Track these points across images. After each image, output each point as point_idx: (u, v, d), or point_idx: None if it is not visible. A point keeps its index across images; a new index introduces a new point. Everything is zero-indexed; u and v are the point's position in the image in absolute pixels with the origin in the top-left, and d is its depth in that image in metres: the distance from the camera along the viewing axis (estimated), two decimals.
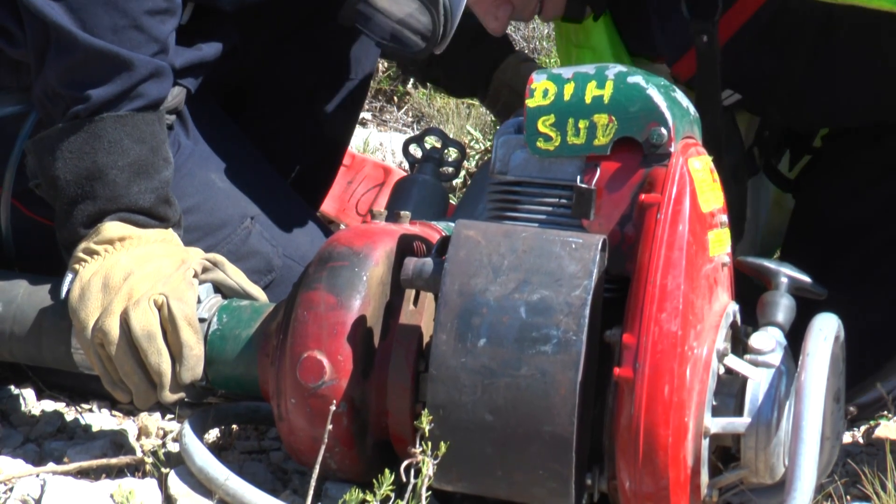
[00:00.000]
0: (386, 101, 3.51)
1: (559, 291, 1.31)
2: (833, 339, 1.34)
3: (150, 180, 1.56)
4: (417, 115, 3.41)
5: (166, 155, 1.59)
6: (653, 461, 1.28)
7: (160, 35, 1.57)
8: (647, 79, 1.39)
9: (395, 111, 3.47)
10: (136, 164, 1.55)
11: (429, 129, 2.07)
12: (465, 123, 3.13)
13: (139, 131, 1.56)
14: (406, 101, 3.49)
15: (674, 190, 1.34)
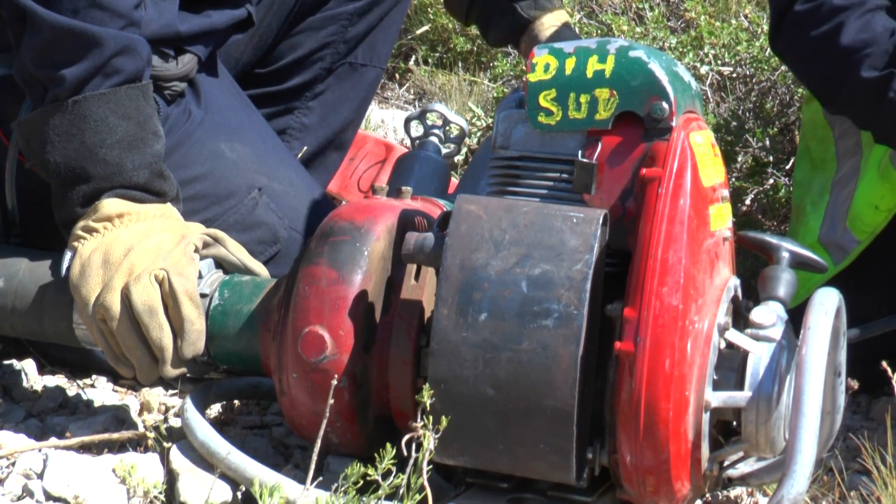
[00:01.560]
0: (387, 79, 3.50)
1: (560, 266, 1.31)
2: (834, 313, 1.34)
3: (141, 155, 1.56)
4: (419, 91, 3.40)
5: (155, 129, 1.59)
6: (653, 435, 1.29)
7: (123, 9, 1.56)
8: (649, 53, 1.39)
9: (396, 88, 3.46)
10: (124, 141, 1.55)
11: (430, 105, 2.07)
12: (468, 100, 3.12)
13: (123, 107, 1.55)
14: (408, 78, 3.48)
15: (675, 164, 1.34)
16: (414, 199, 1.60)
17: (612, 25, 2.80)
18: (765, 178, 2.45)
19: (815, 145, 2.07)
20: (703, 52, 2.64)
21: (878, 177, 1.87)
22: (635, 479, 1.31)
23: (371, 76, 2.15)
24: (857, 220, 1.91)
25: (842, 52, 1.74)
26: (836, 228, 1.95)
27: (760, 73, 2.57)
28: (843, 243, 1.93)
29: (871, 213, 1.88)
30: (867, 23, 1.73)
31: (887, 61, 1.69)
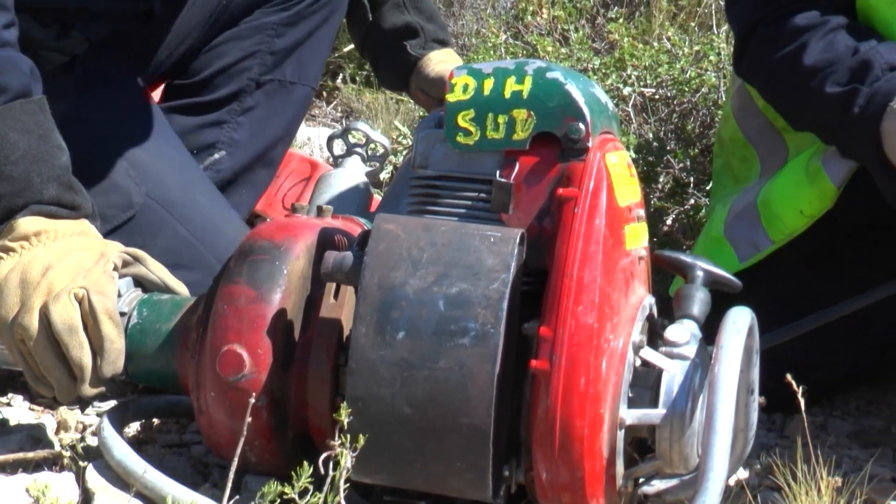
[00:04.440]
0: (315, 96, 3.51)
1: (477, 284, 1.32)
2: (746, 331, 1.36)
3: (48, 168, 1.54)
4: (346, 110, 3.41)
5: (58, 142, 1.57)
6: (569, 452, 1.30)
7: None
8: (566, 74, 1.40)
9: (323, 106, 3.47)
10: (28, 155, 1.53)
11: (353, 124, 2.08)
12: (394, 119, 3.13)
13: (21, 122, 1.54)
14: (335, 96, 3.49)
15: (591, 184, 1.36)
16: (335, 217, 1.60)
17: (538, 46, 2.83)
18: (685, 199, 2.48)
19: (736, 163, 2.10)
20: (626, 74, 2.67)
21: (807, 182, 1.90)
22: (551, 497, 1.33)
23: (300, 94, 2.15)
24: (776, 221, 1.93)
25: (806, 71, 1.77)
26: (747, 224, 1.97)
27: (682, 95, 2.60)
28: (755, 241, 1.96)
29: (795, 217, 1.91)
30: (830, 42, 1.76)
31: (850, 77, 1.72)
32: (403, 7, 2.23)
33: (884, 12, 1.77)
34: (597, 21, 3.18)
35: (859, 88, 1.69)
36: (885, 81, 1.67)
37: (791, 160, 1.95)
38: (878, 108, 1.65)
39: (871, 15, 1.79)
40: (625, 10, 3.18)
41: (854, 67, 1.71)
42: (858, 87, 1.69)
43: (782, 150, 2.00)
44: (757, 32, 1.85)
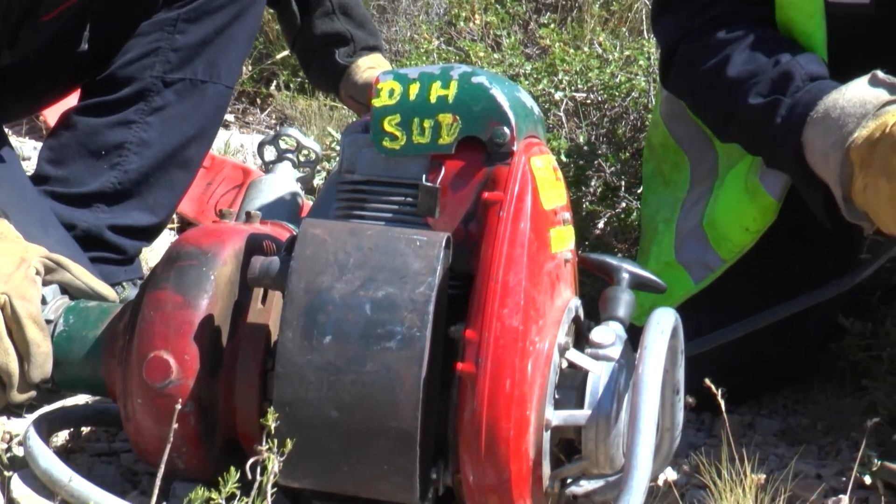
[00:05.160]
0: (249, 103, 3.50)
1: (404, 288, 1.33)
2: (670, 332, 1.38)
3: None
4: (281, 116, 3.40)
5: None
6: (495, 454, 1.31)
7: None
8: (491, 79, 1.42)
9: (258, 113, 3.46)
10: None
11: (283, 130, 2.08)
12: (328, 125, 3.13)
13: None
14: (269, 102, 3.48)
15: (515, 188, 1.37)
16: (263, 223, 1.60)
17: (470, 52, 2.84)
18: (617, 202, 2.50)
19: (668, 168, 2.12)
20: (558, 79, 2.69)
21: (748, 199, 1.92)
22: (478, 498, 1.33)
23: (214, 93, 2.13)
24: (724, 241, 1.96)
25: (730, 83, 1.79)
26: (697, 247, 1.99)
27: (612, 100, 2.62)
28: (707, 262, 1.98)
29: (741, 235, 1.94)
30: (752, 54, 1.79)
31: (772, 88, 1.74)
32: (333, 14, 2.23)
33: (803, 25, 1.80)
34: (529, 27, 3.21)
35: (781, 99, 1.71)
36: (806, 92, 1.69)
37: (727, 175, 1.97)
38: (800, 118, 1.68)
39: (791, 27, 1.81)
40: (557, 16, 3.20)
41: (776, 78, 1.73)
42: (780, 97, 1.72)
43: (712, 157, 2.02)
44: (682, 46, 1.88)
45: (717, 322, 1.78)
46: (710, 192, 2.01)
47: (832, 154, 1.61)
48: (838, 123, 1.61)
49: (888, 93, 1.61)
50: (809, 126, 1.66)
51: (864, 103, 1.60)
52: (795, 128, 1.68)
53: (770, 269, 1.93)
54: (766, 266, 1.93)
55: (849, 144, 1.59)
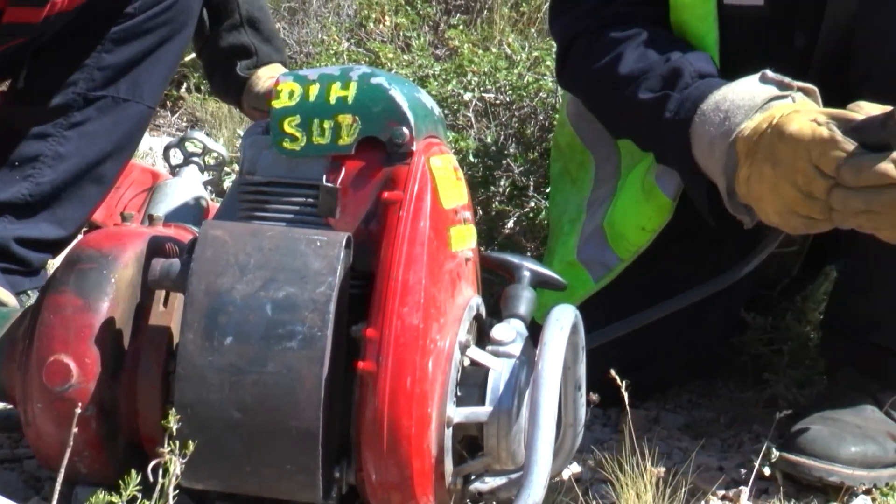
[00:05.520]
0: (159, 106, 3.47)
1: (304, 288, 1.33)
2: (570, 328, 1.40)
3: None
4: (191, 119, 3.39)
5: None
6: (397, 452, 1.32)
7: None
8: (390, 80, 1.43)
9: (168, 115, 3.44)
10: None
11: (189, 133, 2.07)
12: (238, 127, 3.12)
13: None
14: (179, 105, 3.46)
15: (415, 187, 1.38)
16: (166, 226, 1.60)
17: (380, 53, 2.85)
18: (525, 202, 2.53)
19: (574, 168, 2.14)
20: (467, 80, 2.70)
21: (644, 199, 1.95)
22: (381, 496, 1.34)
23: (135, 112, 2.13)
24: (621, 240, 1.99)
25: (622, 79, 1.81)
26: (597, 247, 2.02)
27: (520, 100, 2.65)
28: (605, 261, 2.01)
29: (637, 234, 1.96)
30: (644, 52, 1.81)
31: (662, 84, 1.77)
32: (241, 27, 2.23)
33: (696, 27, 1.83)
34: (439, 28, 3.22)
35: (670, 94, 1.74)
36: (695, 88, 1.72)
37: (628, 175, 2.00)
38: (688, 113, 1.70)
39: (685, 29, 1.84)
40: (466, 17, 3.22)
41: (666, 75, 1.76)
42: (670, 93, 1.74)
43: (615, 157, 2.05)
44: (576, 44, 1.90)
45: (618, 319, 1.80)
46: (613, 193, 2.03)
47: (718, 144, 1.64)
48: (727, 116, 1.64)
49: (777, 89, 1.64)
50: (697, 120, 1.69)
51: (753, 97, 1.64)
52: (684, 122, 1.70)
53: (667, 267, 1.96)
54: (663, 265, 1.96)
55: (735, 135, 1.62)
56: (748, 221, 1.66)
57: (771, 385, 2.01)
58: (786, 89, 1.64)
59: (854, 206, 1.50)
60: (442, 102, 2.67)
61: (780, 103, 1.62)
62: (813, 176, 1.51)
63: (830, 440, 1.74)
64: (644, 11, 1.86)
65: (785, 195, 1.55)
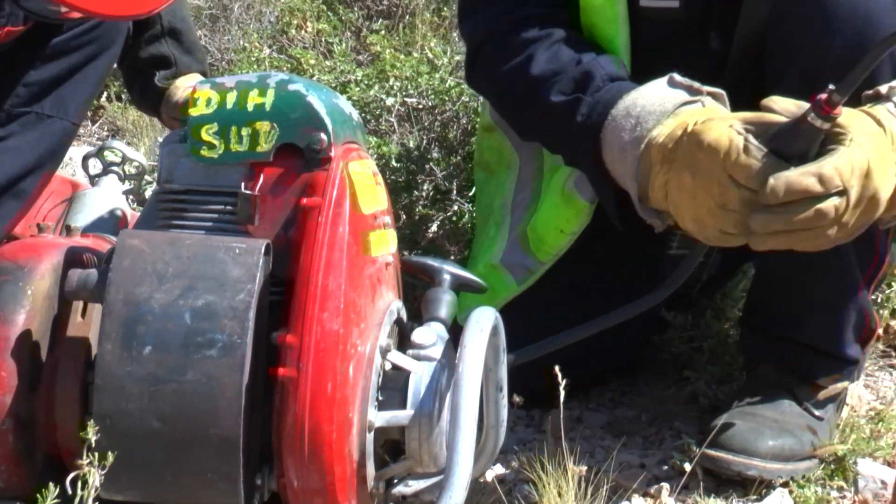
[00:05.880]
0: None
1: (224, 296, 1.33)
2: (490, 331, 1.41)
3: None
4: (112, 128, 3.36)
5: None
6: (318, 458, 1.32)
7: None
8: (308, 86, 1.43)
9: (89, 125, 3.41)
10: None
11: (108, 142, 2.06)
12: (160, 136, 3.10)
13: None
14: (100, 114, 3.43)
15: (333, 193, 1.38)
16: (84, 236, 1.59)
17: (301, 60, 2.85)
18: (449, 205, 2.54)
19: (497, 171, 2.16)
20: (389, 85, 2.71)
21: (563, 202, 1.96)
22: (303, 502, 1.34)
23: (58, 128, 2.11)
24: (541, 243, 2.00)
25: (532, 81, 1.82)
26: (519, 250, 2.04)
27: (442, 104, 2.66)
28: (526, 264, 2.02)
29: (557, 237, 1.98)
30: (555, 53, 1.82)
31: (574, 87, 1.78)
32: (162, 38, 2.22)
33: (604, 29, 1.85)
34: (361, 34, 3.23)
35: (582, 98, 1.75)
36: (606, 91, 1.73)
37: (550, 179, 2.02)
38: (599, 117, 1.71)
39: (595, 32, 1.86)
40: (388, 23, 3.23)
41: (577, 77, 1.77)
42: (581, 96, 1.75)
43: (538, 160, 2.07)
44: (486, 46, 1.91)
45: (540, 321, 1.81)
46: (535, 196, 2.05)
47: (630, 150, 1.65)
48: (637, 122, 1.65)
49: (687, 94, 1.66)
50: (609, 125, 1.69)
51: (663, 102, 1.65)
52: (595, 126, 1.71)
53: (587, 269, 1.98)
54: (582, 267, 1.98)
55: (648, 142, 1.62)
56: (659, 226, 1.67)
57: (691, 382, 2.04)
58: (695, 94, 1.66)
59: (774, 227, 1.50)
60: (364, 108, 2.67)
61: (691, 108, 1.63)
62: (728, 186, 1.51)
63: (749, 435, 1.77)
64: (555, 13, 1.87)
65: (702, 204, 1.55)
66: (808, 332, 1.88)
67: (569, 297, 1.99)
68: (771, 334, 1.91)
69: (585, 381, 2.11)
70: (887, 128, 1.57)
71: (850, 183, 1.48)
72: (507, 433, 1.79)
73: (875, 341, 2.21)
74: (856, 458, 1.81)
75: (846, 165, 1.48)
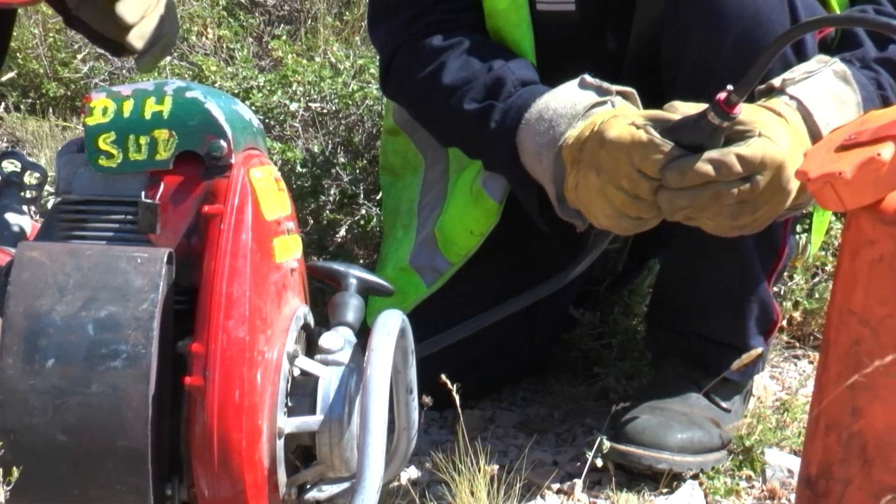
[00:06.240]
0: None
1: (127, 306, 1.32)
2: (397, 333, 1.41)
3: None
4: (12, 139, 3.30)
5: None
6: (228, 466, 1.31)
7: None
8: (206, 93, 1.42)
9: None
10: None
11: (4, 153, 2.02)
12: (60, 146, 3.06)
13: None
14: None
15: (235, 200, 1.37)
16: None
17: (203, 66, 2.83)
18: (356, 210, 2.53)
19: (403, 173, 2.16)
20: (292, 90, 2.70)
21: (472, 203, 1.97)
22: None
23: None
24: (450, 244, 2.01)
25: (445, 89, 1.83)
26: (428, 252, 2.04)
27: (346, 109, 2.65)
28: (436, 265, 2.03)
29: (466, 238, 1.98)
30: (466, 60, 1.83)
31: (486, 94, 1.79)
32: None
33: (511, 33, 1.86)
34: (263, 39, 3.21)
35: (494, 104, 1.77)
36: (518, 97, 1.75)
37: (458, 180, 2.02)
38: (513, 122, 1.73)
39: (502, 36, 1.87)
40: (290, 28, 3.21)
41: (489, 84, 1.79)
42: (494, 102, 1.77)
43: (443, 161, 2.07)
44: (399, 53, 1.91)
45: (451, 323, 1.82)
46: (443, 197, 2.06)
47: (545, 154, 1.67)
48: (550, 125, 1.67)
49: (596, 94, 1.68)
50: (523, 129, 1.71)
51: (574, 105, 1.67)
52: (509, 132, 1.73)
53: (497, 270, 2.00)
54: (492, 267, 1.99)
55: (560, 144, 1.65)
56: (580, 225, 1.70)
57: (601, 378, 2.06)
58: (605, 94, 1.68)
59: (680, 204, 1.57)
60: (268, 114, 2.66)
61: (601, 110, 1.66)
62: (637, 179, 1.56)
63: (658, 429, 1.79)
64: (464, 18, 1.88)
65: (613, 199, 1.59)
66: (712, 325, 1.91)
67: (479, 298, 1.99)
68: (676, 329, 1.94)
69: (497, 380, 2.12)
70: (789, 119, 1.61)
71: (759, 172, 1.53)
72: (420, 435, 1.80)
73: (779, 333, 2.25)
74: (763, 448, 1.85)
75: (754, 155, 1.53)
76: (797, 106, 1.64)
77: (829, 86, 1.68)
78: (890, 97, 1.76)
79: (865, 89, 1.72)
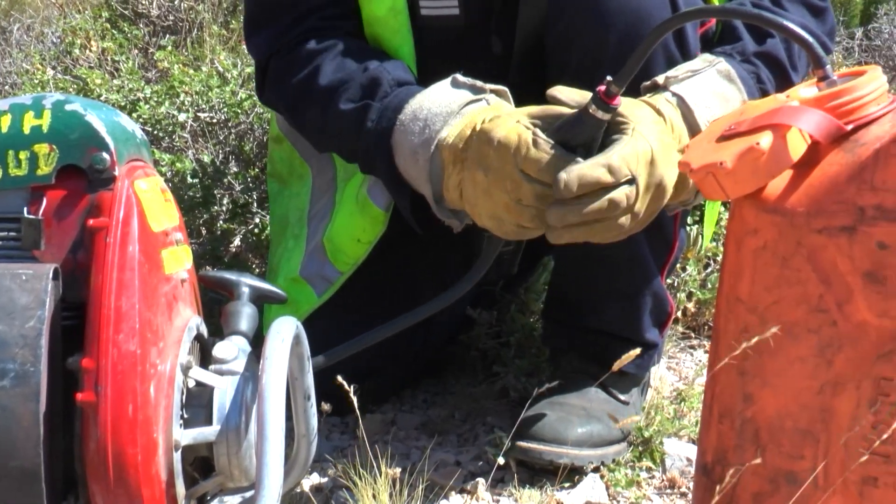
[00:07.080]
0: None
1: (13, 325, 1.29)
2: (292, 340, 1.40)
3: None
4: None
5: None
6: (125, 481, 1.29)
7: None
8: (86, 105, 1.40)
9: None
10: None
11: None
12: None
13: None
14: None
15: (121, 213, 1.35)
16: None
17: (88, 80, 2.79)
18: (249, 219, 2.52)
19: (291, 181, 2.15)
20: (180, 100, 2.68)
21: (358, 211, 1.96)
22: None
23: None
24: (339, 253, 2.00)
25: (321, 92, 1.81)
26: (318, 261, 2.03)
27: (236, 117, 2.64)
28: (326, 275, 2.02)
29: (354, 246, 1.98)
30: (341, 62, 1.82)
31: (362, 94, 1.78)
32: None
33: (390, 40, 1.86)
34: (149, 51, 3.17)
35: (371, 104, 1.76)
36: (394, 97, 1.75)
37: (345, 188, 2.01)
38: (389, 122, 1.73)
39: (381, 42, 1.87)
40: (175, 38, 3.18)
41: (365, 84, 1.78)
42: (370, 102, 1.76)
43: (331, 170, 2.06)
44: (274, 60, 1.90)
45: (347, 330, 1.81)
46: (332, 206, 2.05)
47: (421, 153, 1.66)
48: (426, 124, 1.67)
49: (471, 93, 1.68)
50: (398, 129, 1.71)
51: (449, 103, 1.67)
52: (385, 131, 1.73)
53: (387, 277, 1.99)
54: (382, 274, 1.99)
55: (437, 143, 1.65)
56: (457, 226, 1.69)
57: (501, 377, 2.07)
58: (479, 92, 1.68)
59: (570, 220, 1.53)
60: (156, 125, 2.63)
61: (476, 107, 1.66)
62: (520, 181, 1.54)
63: (558, 424, 1.81)
64: (341, 25, 1.87)
65: (498, 201, 1.58)
66: (606, 320, 1.93)
67: (372, 303, 1.99)
68: (572, 324, 1.95)
69: (396, 384, 2.12)
70: (666, 116, 1.62)
71: (638, 171, 1.53)
72: (322, 441, 1.80)
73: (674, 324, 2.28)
74: (662, 439, 1.87)
75: (631, 154, 1.52)
76: (678, 102, 1.66)
77: (713, 84, 1.71)
78: (769, 91, 1.78)
79: (747, 85, 1.75)
